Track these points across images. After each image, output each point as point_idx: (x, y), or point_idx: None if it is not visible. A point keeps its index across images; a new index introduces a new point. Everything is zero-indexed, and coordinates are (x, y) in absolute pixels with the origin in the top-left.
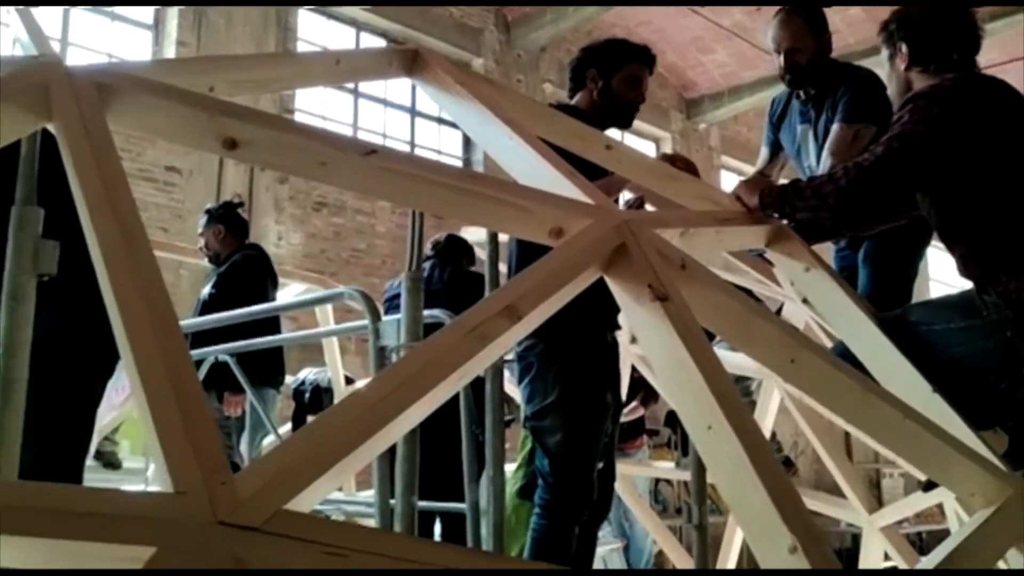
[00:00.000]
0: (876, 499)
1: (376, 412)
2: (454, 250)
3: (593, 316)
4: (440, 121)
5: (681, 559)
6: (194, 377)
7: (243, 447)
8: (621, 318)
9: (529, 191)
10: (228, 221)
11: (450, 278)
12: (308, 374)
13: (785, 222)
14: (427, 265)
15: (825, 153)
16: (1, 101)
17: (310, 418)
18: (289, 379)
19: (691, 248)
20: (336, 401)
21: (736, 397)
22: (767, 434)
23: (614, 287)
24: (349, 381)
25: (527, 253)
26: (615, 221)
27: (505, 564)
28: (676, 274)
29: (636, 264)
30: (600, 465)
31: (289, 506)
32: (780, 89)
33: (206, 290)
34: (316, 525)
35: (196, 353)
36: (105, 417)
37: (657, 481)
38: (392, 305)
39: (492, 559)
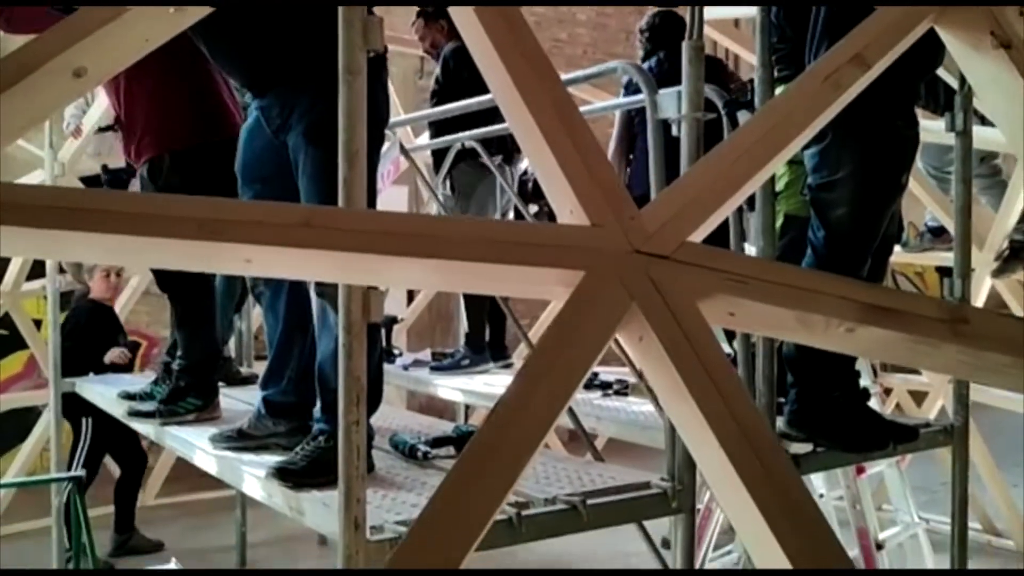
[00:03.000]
0: None
1: (750, 156)
2: (670, 31)
3: (900, 88)
4: None
5: None
6: (585, 127)
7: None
8: None
9: None
10: (447, 15)
11: (668, 63)
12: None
13: None
14: (641, 52)
15: None
16: None
17: (532, 207)
18: None
19: None
20: None
21: None
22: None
23: (948, 37)
24: None
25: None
26: None
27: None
28: (1016, 20)
29: (976, 11)
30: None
31: (689, 239)
32: None
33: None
34: (718, 255)
35: (442, 140)
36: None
37: None
38: None
39: (872, 290)
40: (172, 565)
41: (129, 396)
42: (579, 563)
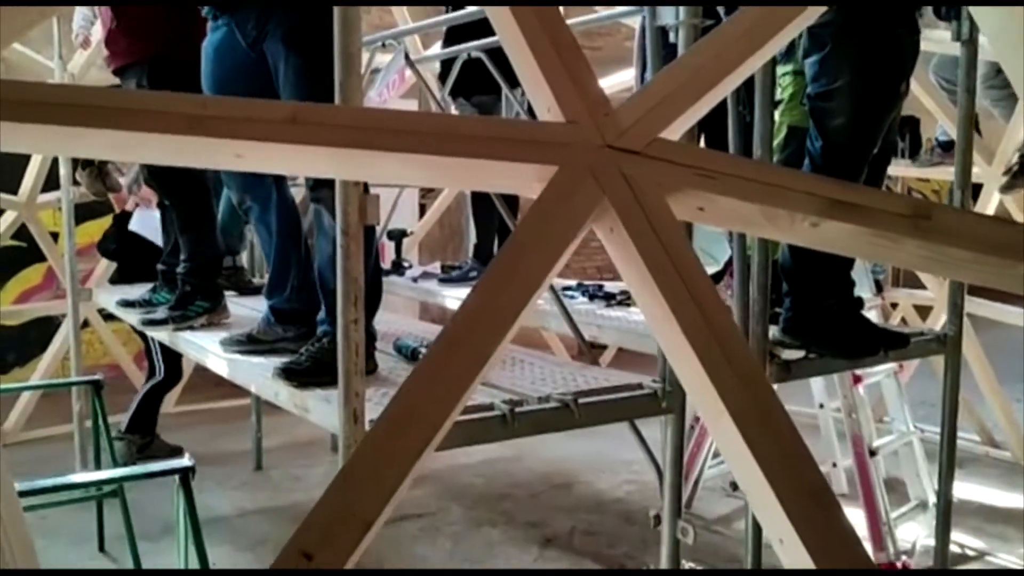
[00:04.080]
0: None
1: (728, 54)
2: None
3: None
4: None
5: None
6: (565, 29)
7: None
8: None
9: None
10: None
11: None
12: None
13: None
14: None
15: None
16: None
17: None
18: None
19: None
20: None
21: None
22: None
23: None
24: None
25: None
26: None
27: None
28: None
29: None
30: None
31: (662, 135)
32: None
33: None
34: (688, 151)
35: (449, 50)
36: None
37: None
38: None
39: (843, 188)
40: (186, 460)
41: (128, 304)
42: (580, 468)
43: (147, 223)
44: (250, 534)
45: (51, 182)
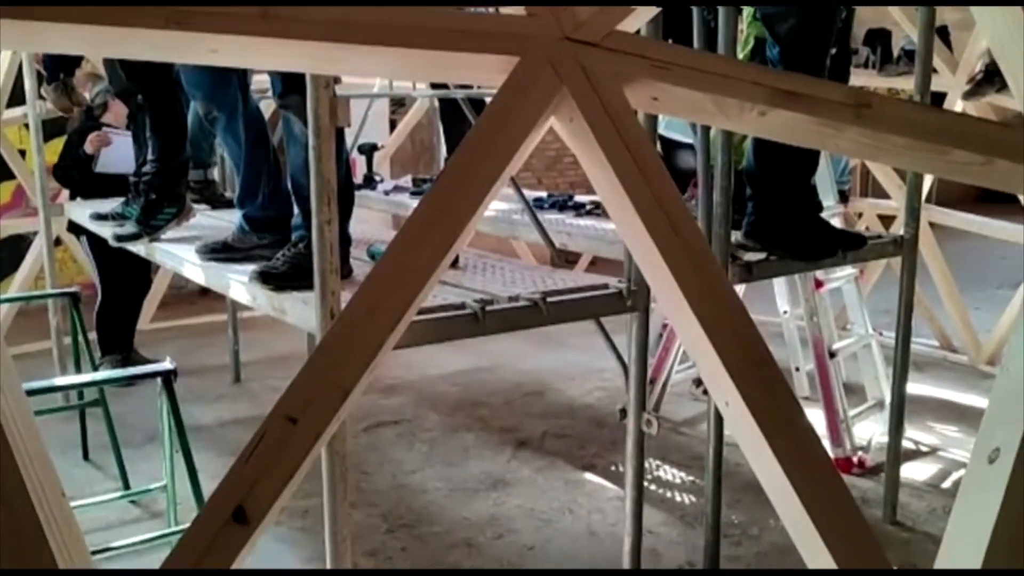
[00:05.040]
0: None
1: None
2: None
3: None
4: None
5: None
6: None
7: None
8: None
9: None
10: None
11: None
12: None
13: None
14: None
15: None
16: None
17: None
18: None
19: None
20: None
21: None
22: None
23: None
24: None
25: None
26: None
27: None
28: None
29: None
30: (833, 51)
31: (618, 28)
32: None
33: None
34: (643, 43)
35: None
36: None
37: None
38: None
39: (787, 76)
40: (167, 364)
41: (101, 217)
42: (553, 377)
43: (117, 155)
44: (231, 441)
45: (16, 98)
